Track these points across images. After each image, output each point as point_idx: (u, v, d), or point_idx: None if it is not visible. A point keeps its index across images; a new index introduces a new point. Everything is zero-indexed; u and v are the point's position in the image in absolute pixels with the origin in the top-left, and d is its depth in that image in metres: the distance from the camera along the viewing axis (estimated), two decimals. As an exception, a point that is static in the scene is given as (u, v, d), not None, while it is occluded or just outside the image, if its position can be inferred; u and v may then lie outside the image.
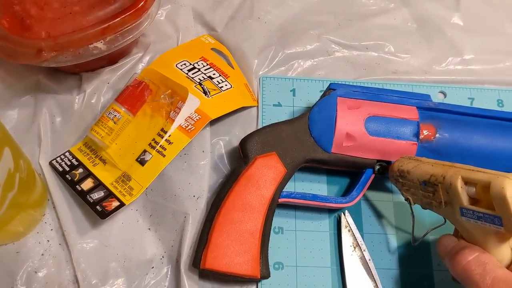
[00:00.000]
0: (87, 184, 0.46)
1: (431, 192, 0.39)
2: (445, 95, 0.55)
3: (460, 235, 0.39)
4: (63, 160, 0.47)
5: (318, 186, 0.49)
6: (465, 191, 0.36)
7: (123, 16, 0.45)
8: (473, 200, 0.36)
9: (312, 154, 0.46)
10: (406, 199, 0.43)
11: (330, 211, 0.48)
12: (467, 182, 0.36)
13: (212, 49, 0.55)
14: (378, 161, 0.46)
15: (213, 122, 0.50)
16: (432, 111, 0.47)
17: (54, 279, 0.44)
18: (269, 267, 0.44)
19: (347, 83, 0.52)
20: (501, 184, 0.32)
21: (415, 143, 0.45)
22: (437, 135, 0.46)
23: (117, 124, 0.47)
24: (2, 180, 0.35)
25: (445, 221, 0.41)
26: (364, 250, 0.46)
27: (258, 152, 0.46)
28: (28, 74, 0.51)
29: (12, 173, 0.37)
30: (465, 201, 0.36)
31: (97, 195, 0.45)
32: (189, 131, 0.47)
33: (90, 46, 0.45)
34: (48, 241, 0.45)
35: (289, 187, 0.49)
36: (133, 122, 0.48)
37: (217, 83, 0.51)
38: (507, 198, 0.32)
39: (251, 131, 0.47)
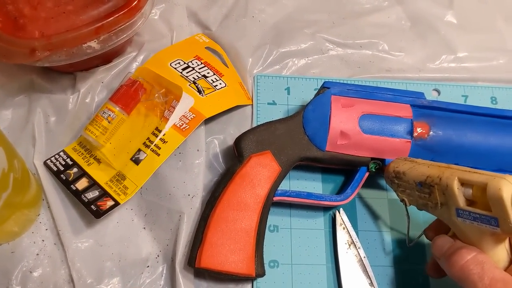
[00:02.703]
0: (82, 184, 0.46)
1: (427, 193, 0.39)
2: (439, 92, 0.56)
3: (455, 236, 0.39)
4: (57, 160, 0.47)
5: (313, 184, 0.50)
6: (462, 192, 0.36)
7: (117, 15, 0.45)
8: (469, 201, 0.36)
9: (307, 153, 0.46)
10: (402, 200, 0.43)
11: (325, 209, 0.48)
12: (463, 183, 0.36)
13: (206, 48, 0.55)
14: (372, 159, 0.46)
15: (207, 121, 0.50)
16: (426, 109, 0.48)
17: (49, 278, 0.44)
18: (264, 265, 0.44)
19: (341, 81, 0.52)
20: (498, 185, 0.32)
21: (409, 141, 0.46)
22: (431, 132, 0.46)
23: (111, 123, 0.47)
24: (-4, 180, 0.36)
25: None
26: (359, 248, 0.46)
27: (253, 150, 0.46)
28: (22, 73, 0.51)
29: (6, 173, 0.37)
30: (461, 202, 0.36)
31: (91, 194, 0.45)
32: (184, 130, 0.47)
33: (83, 45, 0.45)
34: (43, 240, 0.45)
35: (284, 186, 0.49)
36: (127, 121, 0.48)
37: (211, 81, 0.51)
38: (504, 199, 0.32)
39: (246, 130, 0.47)
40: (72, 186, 0.46)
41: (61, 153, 0.48)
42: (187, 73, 0.51)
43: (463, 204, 0.36)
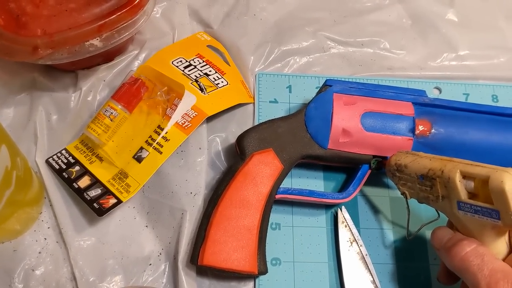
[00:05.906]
0: (84, 182, 0.46)
1: (428, 186, 0.39)
2: (440, 90, 0.56)
3: (455, 229, 0.39)
4: (59, 158, 0.47)
5: (314, 182, 0.50)
6: (463, 185, 0.36)
7: (119, 13, 0.45)
8: (471, 194, 0.36)
9: (309, 150, 0.46)
10: (402, 194, 0.43)
11: (327, 207, 0.48)
12: (465, 176, 0.36)
13: (208, 46, 0.55)
14: (374, 156, 0.47)
15: (209, 119, 0.50)
16: (428, 107, 0.48)
17: (51, 277, 0.44)
18: (267, 263, 0.44)
19: (343, 79, 0.52)
20: (500, 178, 0.33)
21: (411, 138, 0.46)
22: (433, 130, 0.46)
23: (113, 121, 0.47)
24: (-1, 177, 0.36)
25: (439, 216, 0.41)
26: (361, 245, 0.46)
27: (255, 148, 0.46)
28: (24, 71, 0.51)
29: (9, 170, 0.37)
30: (463, 195, 0.36)
31: (94, 192, 0.45)
32: (186, 128, 0.47)
33: (86, 43, 0.45)
34: (45, 239, 0.45)
35: (286, 183, 0.49)
36: (129, 119, 0.48)
37: (213, 80, 0.51)
38: (506, 192, 0.32)
39: (248, 128, 0.47)
40: (74, 184, 0.46)
41: (63, 151, 0.48)
42: (189, 71, 0.51)
43: (465, 197, 0.36)
